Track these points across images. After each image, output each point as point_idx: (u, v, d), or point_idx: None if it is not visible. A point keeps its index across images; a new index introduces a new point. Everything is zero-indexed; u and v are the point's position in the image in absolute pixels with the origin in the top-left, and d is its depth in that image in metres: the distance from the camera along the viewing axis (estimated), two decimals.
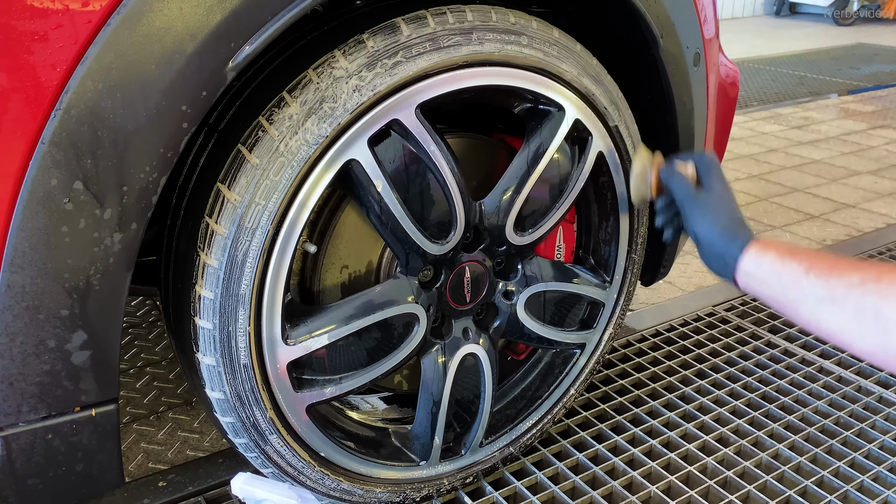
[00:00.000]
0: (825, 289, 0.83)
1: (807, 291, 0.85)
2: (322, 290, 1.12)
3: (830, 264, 0.85)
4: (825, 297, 0.83)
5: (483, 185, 1.15)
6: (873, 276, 0.80)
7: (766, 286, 0.91)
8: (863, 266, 0.83)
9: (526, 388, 1.39)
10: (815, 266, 0.86)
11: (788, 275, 0.88)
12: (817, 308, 0.84)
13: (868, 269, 0.82)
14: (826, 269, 0.85)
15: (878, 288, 0.79)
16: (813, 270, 0.86)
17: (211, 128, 1.00)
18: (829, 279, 0.84)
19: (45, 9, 0.70)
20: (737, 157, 3.44)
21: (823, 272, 0.85)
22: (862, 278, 0.81)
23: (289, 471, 1.09)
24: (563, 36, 1.12)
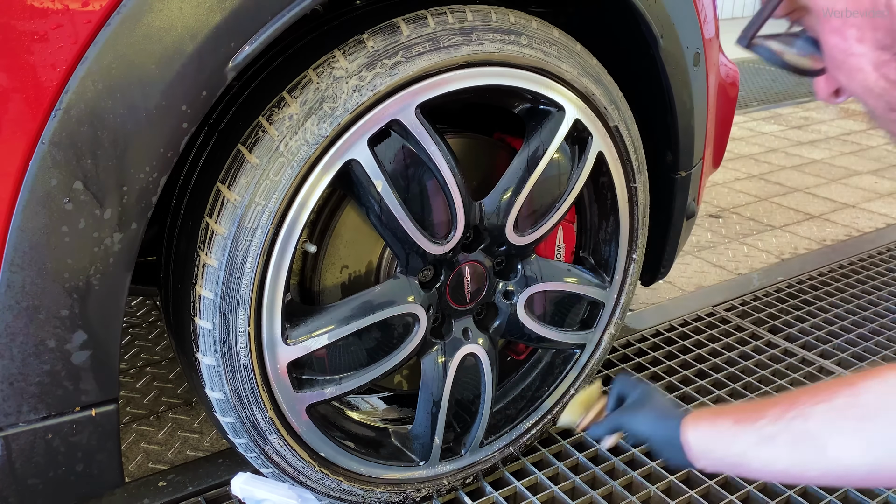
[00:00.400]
0: (756, 432, 0.85)
1: (745, 442, 0.86)
2: (322, 290, 1.12)
3: (754, 408, 0.87)
4: (759, 439, 0.85)
5: (483, 185, 1.15)
6: (789, 403, 0.83)
7: (716, 455, 0.92)
8: (779, 399, 0.86)
9: (526, 388, 1.39)
10: (742, 416, 0.88)
11: (725, 435, 0.90)
12: (759, 453, 0.85)
13: (784, 400, 0.85)
14: (752, 415, 0.87)
15: (798, 412, 0.82)
16: (741, 421, 0.88)
17: (211, 128, 1.00)
18: (756, 422, 0.85)
19: (45, 9, 0.70)
20: (737, 157, 3.44)
21: (750, 418, 0.86)
22: (781, 409, 0.84)
23: (289, 471, 1.09)
24: (563, 36, 1.12)
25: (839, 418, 0.79)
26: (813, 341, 1.85)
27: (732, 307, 2.03)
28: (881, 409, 0.76)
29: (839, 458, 0.78)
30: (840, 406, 0.80)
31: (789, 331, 1.90)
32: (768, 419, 0.85)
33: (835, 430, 0.79)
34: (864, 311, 2.00)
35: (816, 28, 0.55)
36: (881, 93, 0.53)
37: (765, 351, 1.81)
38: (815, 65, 0.59)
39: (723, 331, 1.90)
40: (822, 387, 0.83)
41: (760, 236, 2.56)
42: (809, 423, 0.81)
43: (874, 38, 0.51)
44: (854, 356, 1.78)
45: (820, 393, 0.82)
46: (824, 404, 0.81)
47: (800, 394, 0.84)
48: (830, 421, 0.80)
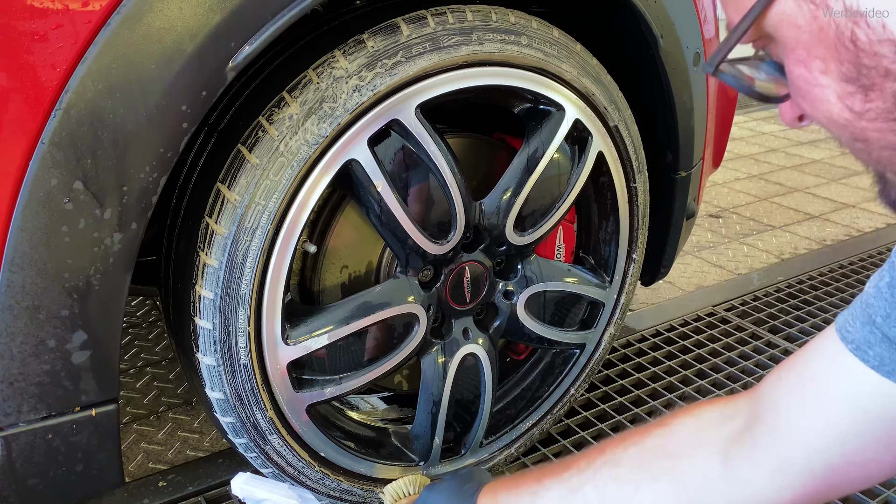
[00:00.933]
0: (562, 486, 0.81)
1: (549, 500, 0.82)
2: (322, 290, 1.12)
3: (559, 466, 0.84)
4: (565, 494, 0.81)
5: (483, 185, 1.15)
6: (598, 451, 0.80)
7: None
8: (587, 452, 0.83)
9: (526, 388, 1.39)
10: (547, 473, 0.85)
11: (526, 495, 0.85)
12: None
13: (594, 449, 0.82)
14: (557, 470, 0.83)
15: (606, 458, 0.79)
16: (545, 478, 0.84)
17: (211, 128, 1.00)
18: (562, 475, 0.82)
19: (45, 9, 0.70)
20: (737, 157, 3.44)
21: (555, 472, 0.83)
22: (589, 458, 0.81)
23: (289, 471, 1.09)
24: (563, 36, 1.12)
25: (651, 459, 0.76)
26: None
27: (732, 307, 2.03)
28: (695, 446, 0.73)
29: (648, 502, 0.74)
30: (651, 447, 0.76)
31: (789, 331, 1.90)
32: (574, 470, 0.81)
33: (645, 475, 0.75)
34: None
35: (782, 57, 0.55)
36: (845, 124, 0.53)
37: (765, 351, 1.81)
38: (780, 91, 0.58)
39: (723, 331, 1.90)
40: (635, 430, 0.80)
41: (760, 236, 2.56)
42: (619, 468, 0.77)
43: (839, 71, 0.50)
44: None
45: (631, 437, 0.79)
46: (634, 447, 0.77)
47: (611, 441, 0.81)
48: (641, 463, 0.76)
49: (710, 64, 0.55)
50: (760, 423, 0.69)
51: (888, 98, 0.49)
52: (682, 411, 0.77)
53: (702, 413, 0.76)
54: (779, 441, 0.67)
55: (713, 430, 0.73)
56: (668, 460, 0.75)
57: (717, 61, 0.55)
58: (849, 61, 0.49)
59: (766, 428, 0.68)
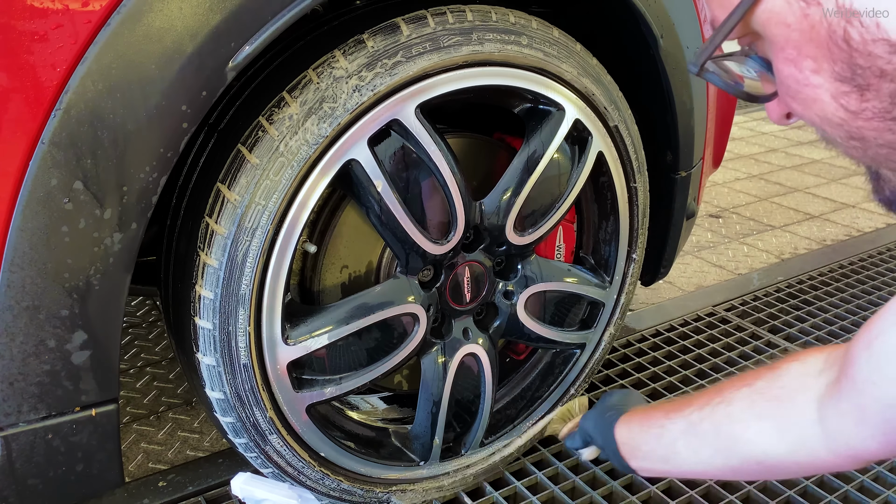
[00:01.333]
0: (684, 421, 0.87)
1: (673, 432, 0.88)
2: (322, 290, 1.12)
3: (685, 400, 0.89)
4: (686, 427, 0.86)
5: (483, 185, 1.15)
6: (716, 390, 0.85)
7: (646, 449, 0.93)
8: (707, 391, 0.87)
9: (526, 389, 1.39)
10: (673, 408, 0.90)
11: (654, 427, 0.91)
12: (687, 442, 0.86)
13: (713, 388, 0.86)
14: (682, 405, 0.88)
15: (722, 397, 0.83)
16: (672, 413, 0.89)
17: (211, 128, 1.00)
18: (684, 411, 0.87)
19: (45, 9, 0.70)
20: (737, 157, 3.44)
21: (680, 409, 0.88)
22: (708, 396, 0.85)
23: (289, 471, 1.09)
24: (563, 36, 1.12)
25: (759, 400, 0.79)
26: (813, 341, 1.85)
27: (732, 307, 2.03)
28: (797, 391, 0.76)
29: (755, 442, 0.78)
30: (760, 388, 0.80)
31: (789, 331, 1.90)
32: (695, 406, 0.86)
33: (754, 414, 0.79)
34: (864, 311, 2.00)
35: (769, 55, 0.53)
36: (840, 122, 0.52)
37: (765, 351, 1.81)
38: (768, 89, 0.57)
39: (723, 331, 1.90)
40: (749, 373, 0.84)
41: (760, 236, 2.56)
42: (732, 406, 0.81)
43: (832, 70, 0.49)
44: None
45: (745, 378, 0.83)
46: (746, 388, 0.81)
47: (728, 381, 0.85)
48: (751, 403, 0.80)
49: (695, 63, 0.54)
50: (844, 375, 0.71)
51: (884, 98, 0.48)
52: (792, 356, 0.80)
53: (807, 360, 0.78)
54: (856, 394, 0.69)
55: (813, 377, 0.76)
56: (774, 402, 0.78)
57: (702, 60, 0.54)
58: (842, 61, 0.48)
59: (848, 381, 0.70)
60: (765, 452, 0.78)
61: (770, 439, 0.77)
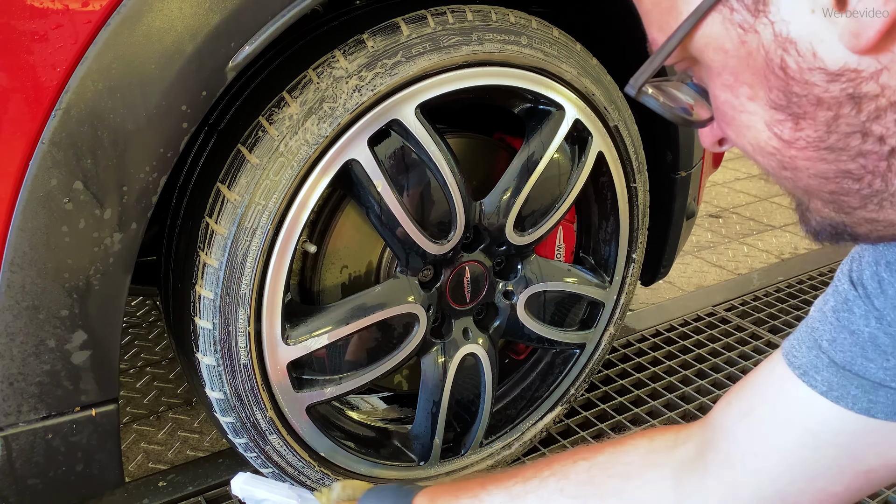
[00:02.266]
0: (505, 493, 0.79)
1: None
2: (322, 290, 1.12)
3: (505, 474, 0.82)
4: (507, 499, 0.79)
5: (483, 185, 1.15)
6: (546, 463, 0.79)
7: None
8: (536, 463, 0.81)
9: (526, 389, 1.39)
10: (491, 481, 0.83)
11: (468, 499, 0.82)
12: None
13: (543, 461, 0.81)
14: (502, 478, 0.82)
15: (554, 470, 0.77)
16: (489, 484, 0.82)
17: (211, 128, 1.00)
18: (506, 483, 0.80)
19: (45, 9, 0.70)
20: (737, 156, 3.44)
21: (500, 481, 0.82)
22: (535, 470, 0.79)
23: (289, 471, 1.09)
24: (563, 36, 1.12)
25: (601, 476, 0.74)
26: None
27: (732, 307, 2.03)
28: (646, 468, 0.72)
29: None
30: (602, 463, 0.75)
31: (789, 331, 1.89)
32: (519, 479, 0.80)
33: (593, 491, 0.74)
34: None
35: (706, 80, 0.52)
36: (773, 152, 0.50)
37: (765, 351, 1.81)
38: (703, 115, 0.56)
39: (723, 331, 1.90)
40: (586, 447, 0.79)
41: (760, 236, 2.56)
42: (567, 481, 0.76)
43: (767, 98, 0.48)
44: None
45: (581, 452, 0.78)
46: (584, 462, 0.76)
47: (560, 455, 0.80)
48: (590, 479, 0.75)
49: (632, 86, 0.51)
50: (711, 449, 0.68)
51: (819, 126, 0.47)
52: (636, 434, 0.76)
53: (655, 436, 0.75)
54: (728, 469, 0.67)
55: (665, 453, 0.73)
56: (618, 479, 0.74)
57: (639, 83, 0.51)
58: (778, 88, 0.47)
59: (717, 455, 0.68)
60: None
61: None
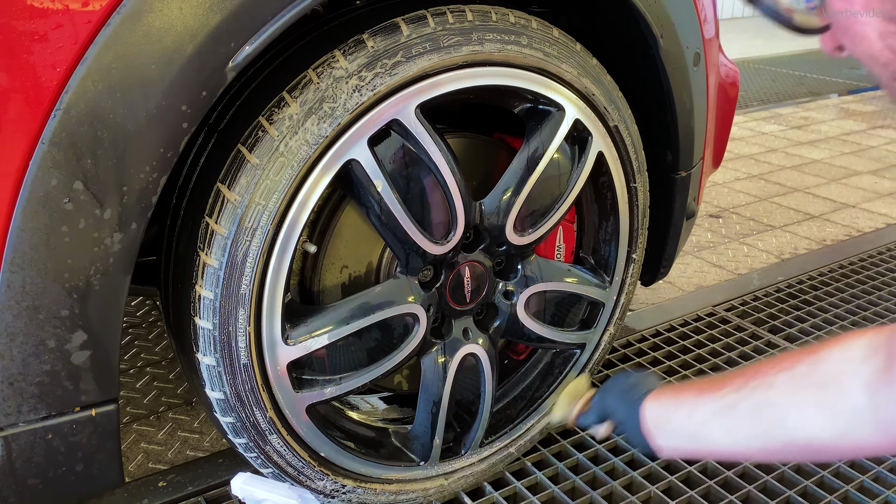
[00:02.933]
0: (719, 401, 0.85)
1: (705, 411, 0.86)
2: (322, 290, 1.12)
3: (718, 380, 0.87)
4: (721, 408, 0.84)
5: (483, 185, 1.15)
6: (752, 372, 0.83)
7: (674, 426, 0.91)
8: (743, 369, 0.85)
9: (526, 389, 1.39)
10: (705, 387, 0.88)
11: (685, 405, 0.89)
12: (720, 423, 0.85)
13: (748, 370, 0.85)
14: (715, 385, 0.87)
15: (760, 381, 0.82)
16: (704, 392, 0.88)
17: (211, 128, 1.00)
18: (718, 391, 0.85)
19: (45, 9, 0.70)
20: (737, 157, 3.44)
21: (714, 388, 0.86)
22: (744, 378, 0.84)
23: (289, 471, 1.09)
24: (563, 36, 1.12)
25: (802, 386, 0.78)
26: (813, 341, 1.85)
27: (732, 307, 2.03)
28: (843, 377, 0.75)
29: (800, 428, 0.77)
30: (801, 373, 0.79)
31: (789, 331, 1.90)
32: (730, 388, 0.84)
33: (796, 400, 0.78)
34: (864, 311, 2.00)
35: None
36: (886, 62, 0.53)
37: (765, 351, 1.81)
38: (820, 21, 0.58)
39: (723, 331, 1.90)
40: (786, 355, 0.83)
41: (760, 236, 2.56)
42: (773, 391, 0.80)
43: (882, 9, 0.50)
44: None
45: (783, 361, 0.82)
46: (786, 373, 0.80)
47: (764, 363, 0.84)
48: (792, 390, 0.79)
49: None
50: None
51: None
52: (831, 342, 0.79)
53: (848, 344, 0.77)
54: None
55: (857, 363, 0.75)
56: (819, 389, 0.77)
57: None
58: (892, 0, 0.49)
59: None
60: (809, 438, 0.77)
61: (816, 425, 0.76)
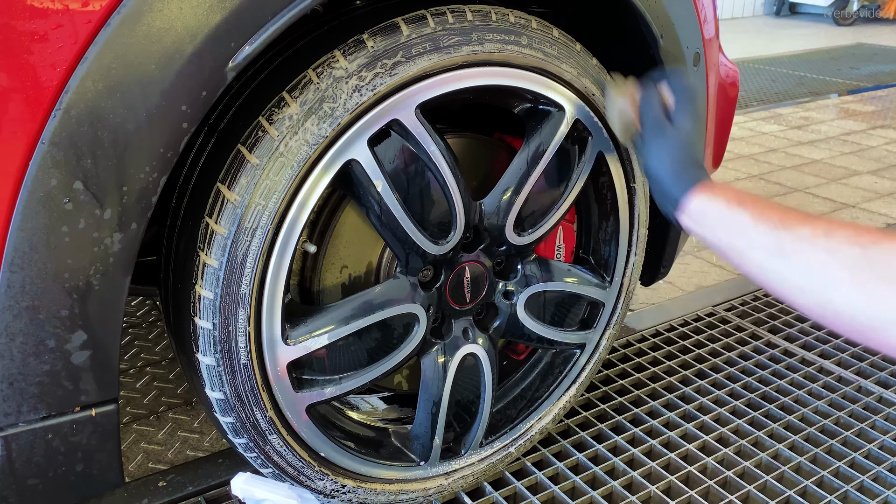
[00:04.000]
0: (774, 241, 0.82)
1: (755, 242, 0.84)
2: (322, 290, 1.12)
3: (780, 216, 0.84)
4: (774, 249, 0.82)
5: (483, 185, 1.15)
6: (822, 231, 0.79)
7: (711, 232, 0.89)
8: (812, 220, 0.82)
9: (526, 389, 1.39)
10: (765, 217, 0.85)
11: (736, 224, 0.86)
12: (764, 260, 0.83)
13: (818, 224, 0.81)
14: (776, 221, 0.83)
15: (827, 244, 0.78)
16: (762, 222, 0.84)
17: (211, 128, 1.00)
18: (779, 231, 0.82)
19: (45, 9, 0.70)
20: (737, 157, 3.44)
21: (773, 224, 0.83)
22: (812, 232, 0.80)
23: (289, 471, 1.09)
24: (563, 36, 1.12)
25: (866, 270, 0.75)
26: (813, 341, 1.85)
27: (732, 307, 2.03)
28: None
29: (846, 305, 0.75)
30: (871, 257, 0.75)
31: (789, 331, 1.90)
32: (792, 237, 0.81)
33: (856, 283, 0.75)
34: None
35: None
36: None
37: (765, 351, 1.81)
38: None
39: (723, 331, 1.90)
40: (860, 228, 0.79)
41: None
42: (834, 259, 0.77)
43: None
44: (854, 356, 1.78)
45: (856, 231, 0.78)
46: (858, 248, 0.76)
47: (836, 225, 0.79)
48: (856, 271, 0.76)
49: None
50: None
51: None
52: None
53: None
54: None
55: None
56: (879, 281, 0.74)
57: None
58: None
59: None
60: (853, 317, 0.75)
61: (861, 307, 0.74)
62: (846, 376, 1.71)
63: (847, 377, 1.71)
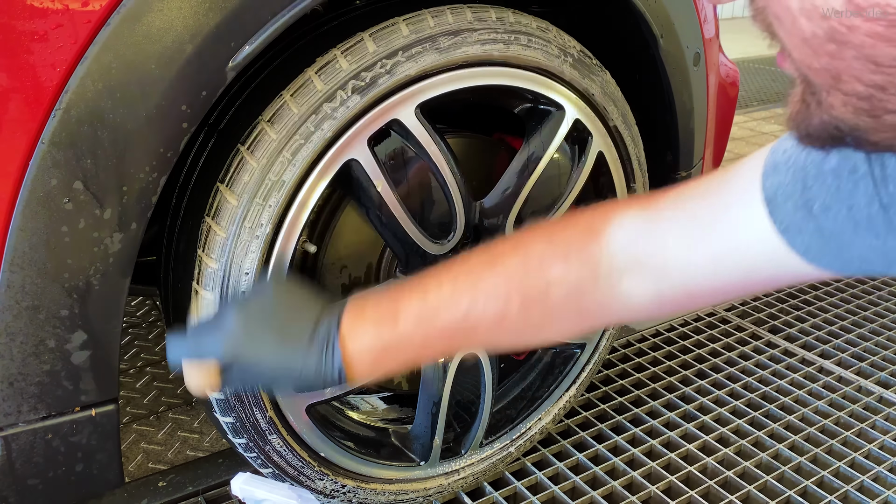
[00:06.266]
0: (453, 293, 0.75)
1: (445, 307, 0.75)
2: (322, 290, 1.12)
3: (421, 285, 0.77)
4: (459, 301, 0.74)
5: (483, 185, 1.15)
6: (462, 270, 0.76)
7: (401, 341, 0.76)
8: (440, 274, 0.77)
9: (526, 388, 1.38)
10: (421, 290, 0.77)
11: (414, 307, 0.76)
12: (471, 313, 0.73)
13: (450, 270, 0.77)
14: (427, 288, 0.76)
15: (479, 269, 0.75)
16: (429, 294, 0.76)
17: (211, 128, 1.00)
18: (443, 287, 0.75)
19: (45, 9, 0.70)
20: (737, 157, 3.44)
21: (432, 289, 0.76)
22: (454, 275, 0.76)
23: (289, 471, 1.09)
24: (563, 36, 1.12)
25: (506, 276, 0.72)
26: (813, 341, 1.85)
27: (732, 307, 2.03)
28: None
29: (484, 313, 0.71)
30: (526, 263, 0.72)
31: (789, 331, 1.90)
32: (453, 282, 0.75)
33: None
34: (864, 311, 2.00)
35: None
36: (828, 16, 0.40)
37: (765, 351, 1.81)
38: None
39: (723, 331, 1.90)
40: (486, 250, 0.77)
41: None
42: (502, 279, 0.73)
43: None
44: (854, 356, 1.78)
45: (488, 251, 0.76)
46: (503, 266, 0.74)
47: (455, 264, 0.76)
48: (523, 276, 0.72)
49: None
50: None
51: None
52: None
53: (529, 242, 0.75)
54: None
55: None
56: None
57: None
58: None
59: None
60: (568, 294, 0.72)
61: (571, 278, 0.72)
62: (846, 376, 1.71)
63: (847, 377, 1.71)
